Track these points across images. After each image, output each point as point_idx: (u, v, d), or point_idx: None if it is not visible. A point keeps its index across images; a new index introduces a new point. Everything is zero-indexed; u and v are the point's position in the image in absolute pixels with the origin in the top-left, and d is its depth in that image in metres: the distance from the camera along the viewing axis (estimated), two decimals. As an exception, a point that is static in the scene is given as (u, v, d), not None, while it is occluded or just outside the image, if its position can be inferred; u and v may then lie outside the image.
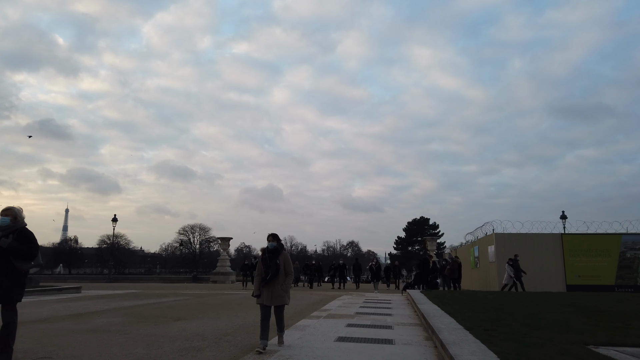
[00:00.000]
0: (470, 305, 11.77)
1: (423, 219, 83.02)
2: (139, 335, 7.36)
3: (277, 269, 6.48)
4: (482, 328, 7.36)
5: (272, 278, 6.44)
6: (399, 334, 7.97)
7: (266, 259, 6.56)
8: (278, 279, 6.49)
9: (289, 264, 6.71)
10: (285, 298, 6.57)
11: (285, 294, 6.59)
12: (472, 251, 29.39)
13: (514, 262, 20.18)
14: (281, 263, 6.58)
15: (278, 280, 6.48)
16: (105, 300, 15.13)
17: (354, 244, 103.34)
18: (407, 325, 9.17)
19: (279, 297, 6.47)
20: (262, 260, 6.60)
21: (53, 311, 11.31)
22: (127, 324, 8.74)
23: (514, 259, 20.31)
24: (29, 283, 20.94)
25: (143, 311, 11.34)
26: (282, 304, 6.56)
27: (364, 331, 8.23)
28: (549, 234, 24.12)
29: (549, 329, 7.42)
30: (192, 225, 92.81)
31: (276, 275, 6.48)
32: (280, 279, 6.51)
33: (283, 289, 6.55)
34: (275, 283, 6.48)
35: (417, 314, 11.08)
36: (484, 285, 25.45)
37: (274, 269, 6.46)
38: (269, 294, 6.48)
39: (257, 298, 6.56)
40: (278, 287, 6.46)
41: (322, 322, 9.48)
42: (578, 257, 23.30)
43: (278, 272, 6.48)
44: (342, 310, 12.03)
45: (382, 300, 15.88)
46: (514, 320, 8.54)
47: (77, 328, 8.20)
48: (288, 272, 6.65)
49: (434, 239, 47.97)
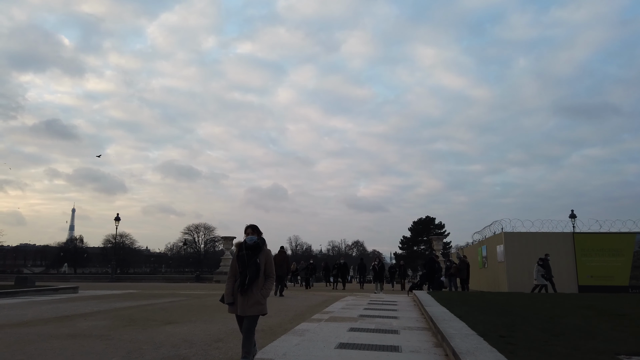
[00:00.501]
0: (481, 307, 11.10)
1: (429, 219, 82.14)
2: (122, 341, 6.74)
3: (257, 269, 5.17)
4: (497, 334, 6.69)
5: (252, 281, 5.14)
6: (406, 340, 7.31)
7: (243, 256, 5.21)
8: (257, 283, 5.19)
9: (271, 264, 5.38)
10: (264, 307, 5.24)
11: (264, 301, 5.25)
12: (480, 251, 28.66)
13: (544, 261, 19.16)
14: (262, 262, 5.27)
15: (256, 284, 5.18)
16: (98, 301, 14.55)
17: (359, 243, 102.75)
18: (414, 330, 8.52)
19: (256, 304, 5.14)
20: (237, 259, 5.25)
21: (38, 313, 10.73)
22: (112, 328, 8.13)
23: (544, 259, 19.27)
24: (24, 283, 20.57)
25: (133, 313, 10.73)
26: (258, 313, 5.19)
27: (367, 336, 7.58)
28: (560, 233, 23.38)
29: (572, 335, 6.74)
30: (196, 224, 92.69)
31: (256, 277, 5.17)
32: (259, 283, 5.21)
33: (264, 295, 5.23)
34: (253, 287, 5.17)
35: (424, 317, 10.43)
36: (492, 286, 24.72)
37: (253, 269, 5.16)
38: (244, 300, 5.14)
39: (230, 306, 5.25)
40: (257, 293, 5.15)
41: (324, 325, 8.84)
42: (590, 256, 22.54)
43: (258, 274, 5.19)
44: (345, 312, 11.38)
45: (388, 302, 15.22)
46: (531, 324, 7.86)
47: (57, 332, 7.60)
48: (269, 273, 5.32)
49: (440, 239, 47.20)
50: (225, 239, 45.02)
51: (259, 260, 5.24)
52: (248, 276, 5.15)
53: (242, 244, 5.30)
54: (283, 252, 20.38)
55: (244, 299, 5.16)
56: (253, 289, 5.18)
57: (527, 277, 22.15)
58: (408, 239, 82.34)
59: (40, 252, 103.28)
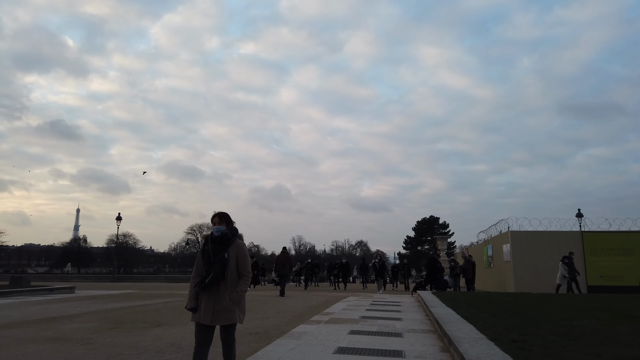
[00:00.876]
0: (489, 308, 10.57)
1: (433, 218, 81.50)
2: (103, 346, 6.27)
3: (223, 267, 4.18)
4: (508, 338, 6.17)
5: (215, 281, 4.15)
6: (410, 344, 6.81)
7: (209, 250, 4.25)
8: (225, 283, 4.20)
9: (245, 260, 4.35)
10: (236, 314, 4.24)
11: (236, 306, 4.23)
12: (485, 250, 28.09)
13: (569, 260, 18.33)
14: (232, 258, 4.27)
15: (225, 285, 4.20)
16: (91, 302, 14.11)
17: (362, 243, 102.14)
18: (418, 333, 8.01)
19: (225, 311, 4.18)
20: (202, 253, 4.31)
21: (25, 314, 10.28)
22: (97, 331, 7.66)
23: (568, 257, 18.44)
24: (19, 283, 20.18)
25: (124, 315, 10.26)
26: (230, 322, 4.25)
27: (369, 340, 7.08)
28: (568, 232, 22.79)
29: (590, 340, 6.20)
30: (199, 224, 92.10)
31: (222, 276, 4.17)
32: (229, 283, 4.22)
33: (234, 299, 4.21)
34: (220, 290, 4.19)
35: (429, 319, 9.92)
36: (498, 286, 24.16)
37: (219, 266, 4.16)
38: (209, 306, 4.17)
39: (193, 313, 4.30)
40: (225, 296, 4.17)
41: (323, 328, 8.34)
42: (599, 256, 21.94)
43: (225, 272, 4.20)
44: (346, 313, 10.88)
45: (391, 303, 14.69)
46: (544, 327, 7.33)
47: (37, 336, 7.13)
48: (243, 272, 4.33)
49: (445, 239, 46.60)
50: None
51: (227, 256, 4.24)
52: (212, 275, 4.15)
53: (208, 236, 4.38)
54: (285, 252, 20.29)
55: (208, 303, 4.18)
56: (220, 291, 4.19)
57: (534, 277, 21.61)
58: (412, 239, 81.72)
59: (45, 252, 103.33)
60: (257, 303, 14.26)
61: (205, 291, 4.17)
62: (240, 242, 4.45)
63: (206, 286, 4.14)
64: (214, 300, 4.19)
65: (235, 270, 4.31)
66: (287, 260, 19.52)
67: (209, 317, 4.18)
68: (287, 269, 19.19)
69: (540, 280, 21.45)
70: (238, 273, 4.33)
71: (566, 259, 18.38)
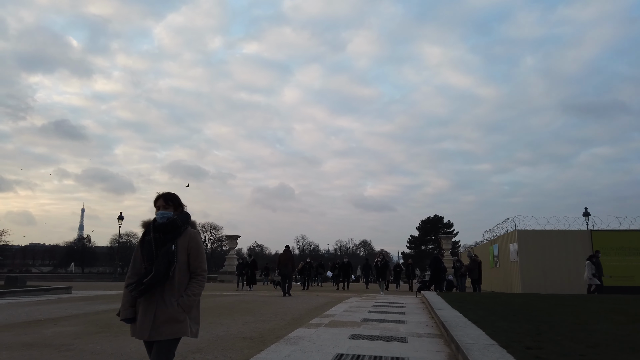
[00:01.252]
0: (497, 311, 10.05)
1: (437, 218, 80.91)
2: (83, 352, 5.81)
3: (169, 262, 3.16)
4: (522, 345, 5.66)
5: (158, 282, 3.12)
6: (415, 350, 6.31)
7: (150, 242, 3.24)
8: (172, 285, 3.18)
9: (199, 254, 3.34)
10: (186, 324, 3.17)
11: (186, 314, 3.19)
12: (491, 250, 27.53)
13: (596, 259, 17.44)
14: (181, 251, 3.26)
15: (171, 287, 3.18)
16: (85, 303, 13.67)
17: (366, 243, 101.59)
18: (423, 337, 7.51)
19: (171, 322, 3.13)
20: (141, 246, 3.29)
21: (10, 317, 9.82)
22: (80, 336, 7.21)
23: (595, 255, 17.56)
24: (14, 283, 19.79)
25: (113, 317, 9.69)
26: (178, 335, 3.17)
27: (370, 345, 6.60)
28: (576, 231, 22.21)
29: (611, 348, 5.68)
30: (203, 224, 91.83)
31: (167, 275, 3.15)
32: (177, 284, 3.19)
33: (184, 305, 3.17)
34: (165, 293, 3.16)
35: (434, 322, 9.41)
36: (504, 286, 23.61)
37: (163, 262, 3.14)
38: (149, 315, 3.13)
39: (129, 324, 3.24)
40: (172, 302, 3.16)
41: (322, 331, 7.86)
42: (609, 255, 21.28)
43: (171, 269, 3.17)
44: (347, 316, 10.39)
45: (394, 304, 14.19)
46: (559, 332, 6.81)
47: (14, 341, 6.67)
48: (197, 269, 3.30)
49: (449, 238, 46.12)
50: (230, 237, 44.29)
51: (175, 248, 3.21)
52: (153, 273, 3.10)
53: (149, 223, 3.35)
54: (288, 251, 19.72)
55: (146, 312, 3.12)
56: (165, 295, 3.15)
57: (542, 277, 21.04)
58: (416, 238, 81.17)
59: (49, 252, 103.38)
60: (256, 304, 13.79)
61: (145, 295, 3.12)
62: (194, 231, 3.41)
63: (145, 288, 3.09)
64: (155, 307, 3.12)
65: (186, 268, 3.27)
66: (290, 259, 18.97)
67: (146, 329, 3.09)
68: (289, 268, 18.66)
69: (548, 281, 20.90)
70: (190, 271, 3.29)
71: (594, 257, 17.49)
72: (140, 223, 3.37)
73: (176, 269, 3.19)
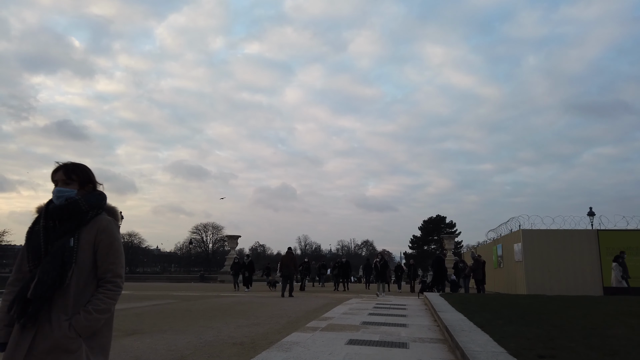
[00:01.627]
0: (504, 313, 9.56)
1: (439, 218, 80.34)
2: None
3: (63, 263, 2.13)
4: (534, 353, 5.19)
5: (43, 292, 2.07)
6: (417, 358, 5.85)
7: (39, 232, 2.24)
8: (66, 296, 2.12)
9: (114, 252, 2.27)
10: (79, 357, 2.06)
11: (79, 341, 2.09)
12: (495, 250, 27.00)
13: (622, 259, 16.74)
14: (85, 248, 2.22)
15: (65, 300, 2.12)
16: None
17: (368, 243, 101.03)
18: (426, 342, 7.04)
19: (56, 352, 2.04)
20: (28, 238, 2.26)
21: None
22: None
23: (621, 256, 16.87)
24: (3, 284, 19.30)
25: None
26: None
27: (369, 352, 6.14)
28: (583, 230, 21.68)
29: (630, 356, 5.21)
30: (205, 224, 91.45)
31: (59, 282, 2.11)
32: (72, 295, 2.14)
33: (80, 327, 2.09)
34: (54, 308, 2.11)
35: (438, 325, 8.94)
36: (508, 287, 23.09)
37: (53, 263, 2.12)
38: (22, 342, 2.05)
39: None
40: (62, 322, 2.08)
41: (318, 336, 7.40)
42: (616, 255, 20.78)
43: (67, 273, 2.13)
44: (346, 319, 9.92)
45: (396, 306, 13.71)
46: (572, 338, 6.32)
47: None
48: (107, 274, 2.24)
49: (452, 238, 45.61)
50: (230, 237, 43.91)
51: (74, 243, 2.19)
52: (37, 279, 2.09)
53: (43, 207, 2.35)
54: (290, 252, 19.70)
55: (20, 337, 2.07)
56: (53, 311, 2.11)
57: (547, 278, 20.54)
58: (418, 238, 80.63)
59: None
60: (252, 306, 13.35)
61: (26, 313, 2.06)
62: (107, 219, 2.36)
63: (32, 311, 2.06)
64: (37, 330, 2.08)
65: (91, 271, 2.23)
66: (292, 260, 19.09)
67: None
68: (291, 270, 18.74)
69: (553, 281, 20.40)
70: (97, 277, 2.24)
71: (620, 258, 16.83)
72: (37, 209, 2.38)
73: (73, 273, 2.14)
